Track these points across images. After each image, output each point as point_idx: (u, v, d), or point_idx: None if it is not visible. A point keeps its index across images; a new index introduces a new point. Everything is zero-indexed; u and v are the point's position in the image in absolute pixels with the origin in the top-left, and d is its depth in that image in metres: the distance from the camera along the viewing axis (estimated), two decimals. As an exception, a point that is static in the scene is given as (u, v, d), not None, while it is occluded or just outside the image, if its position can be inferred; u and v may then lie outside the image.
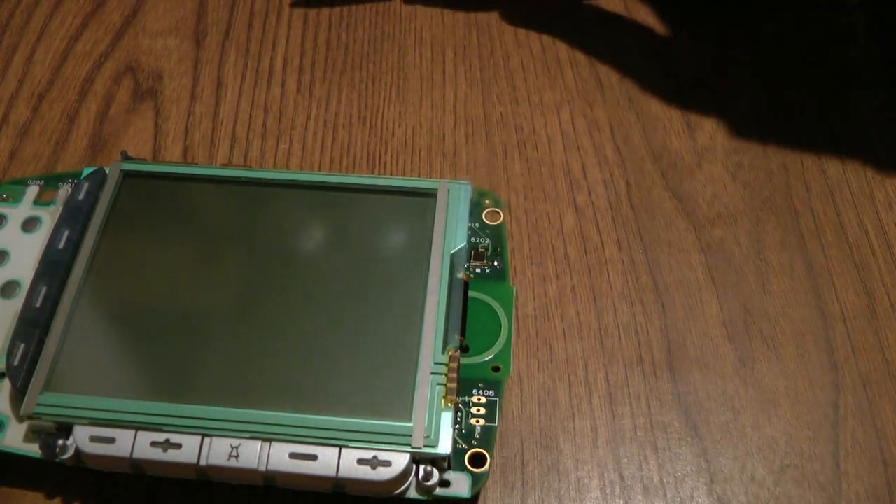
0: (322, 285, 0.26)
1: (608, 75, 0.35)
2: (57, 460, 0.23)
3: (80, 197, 0.28)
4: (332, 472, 0.23)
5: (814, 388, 0.26)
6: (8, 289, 0.27)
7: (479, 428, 0.24)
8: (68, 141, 0.33)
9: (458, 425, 0.24)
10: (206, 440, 0.23)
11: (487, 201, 0.29)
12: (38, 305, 0.25)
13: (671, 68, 0.35)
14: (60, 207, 0.28)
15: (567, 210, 0.31)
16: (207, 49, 0.36)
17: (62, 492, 0.25)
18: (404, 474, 0.23)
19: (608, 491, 0.25)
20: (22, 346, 0.25)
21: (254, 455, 0.23)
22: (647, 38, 0.36)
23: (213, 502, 0.25)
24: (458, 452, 0.24)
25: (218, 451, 0.23)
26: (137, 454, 0.23)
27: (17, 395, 0.24)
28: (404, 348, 0.24)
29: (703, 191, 0.31)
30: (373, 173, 0.32)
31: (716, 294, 0.28)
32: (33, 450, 0.24)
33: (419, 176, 0.32)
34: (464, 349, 0.25)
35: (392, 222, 0.27)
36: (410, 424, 0.23)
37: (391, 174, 0.32)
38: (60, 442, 0.23)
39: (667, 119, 0.33)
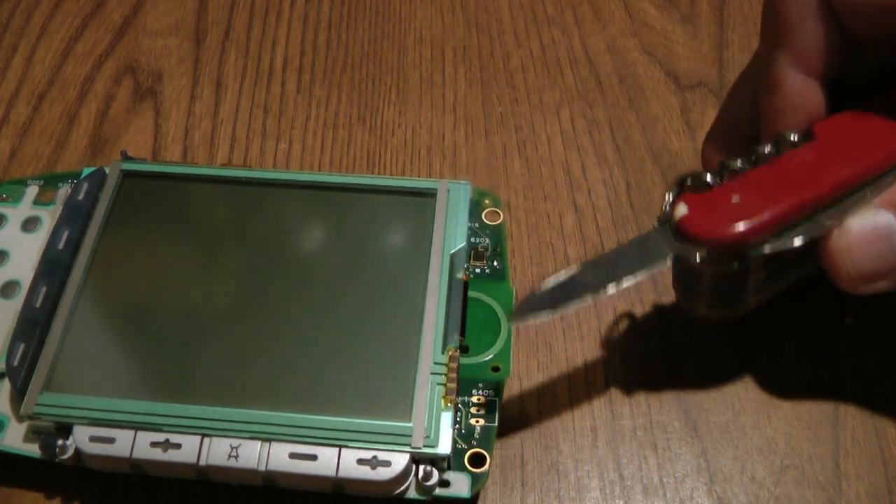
0: (322, 285, 0.26)
1: (608, 75, 0.35)
2: (57, 460, 0.23)
3: (80, 197, 0.28)
4: (331, 472, 0.23)
5: (814, 389, 0.26)
6: (8, 289, 0.27)
7: (478, 428, 0.24)
8: (68, 141, 0.33)
9: (457, 425, 0.24)
10: (206, 440, 0.23)
11: (487, 201, 0.29)
12: (38, 305, 0.25)
13: (671, 68, 0.35)
14: (60, 207, 0.28)
15: (567, 210, 0.31)
16: (207, 49, 0.36)
17: (62, 492, 0.25)
18: (404, 474, 0.23)
19: (608, 491, 0.25)
20: (22, 346, 0.25)
21: (254, 455, 0.23)
22: (647, 38, 0.36)
23: (213, 502, 0.25)
24: (457, 452, 0.24)
25: (218, 451, 0.23)
26: (137, 454, 0.23)
27: (17, 395, 0.24)
28: (404, 348, 0.24)
29: (703, 191, 0.31)
30: (373, 173, 0.32)
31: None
32: (33, 450, 0.24)
33: (419, 176, 0.32)
34: (464, 349, 0.25)
35: (392, 222, 0.27)
36: (410, 424, 0.23)
37: (391, 174, 0.32)
38: (60, 442, 0.23)
39: (667, 119, 0.33)
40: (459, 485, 0.23)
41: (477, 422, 0.24)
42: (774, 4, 0.25)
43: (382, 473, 0.22)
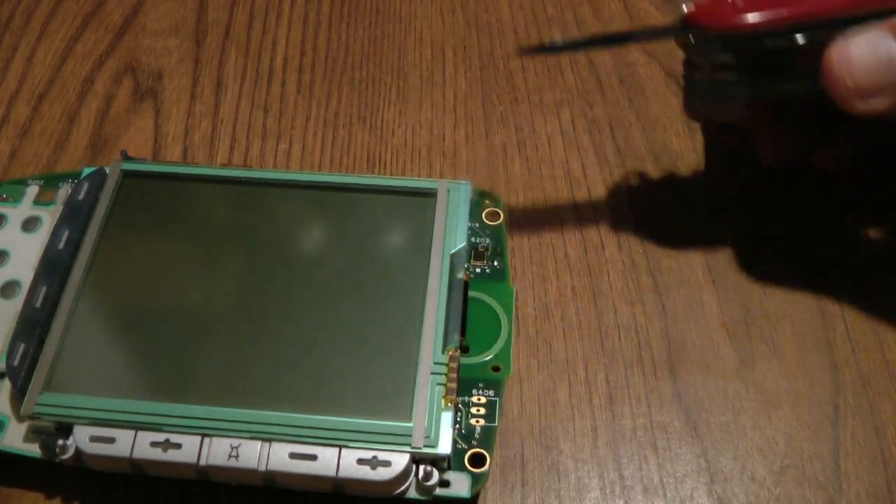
0: (322, 285, 0.26)
1: (608, 75, 0.35)
2: (57, 460, 0.23)
3: (80, 197, 0.28)
4: (331, 472, 0.23)
5: (814, 388, 0.26)
6: (8, 289, 0.27)
7: (478, 428, 0.24)
8: (68, 141, 0.33)
9: (457, 425, 0.24)
10: (206, 440, 0.23)
11: (487, 201, 0.29)
12: (38, 305, 0.25)
13: (671, 68, 0.35)
14: (60, 207, 0.28)
15: (567, 210, 0.31)
16: (207, 49, 0.36)
17: (62, 492, 0.25)
18: (404, 474, 0.23)
19: (608, 491, 0.25)
20: (22, 346, 0.25)
21: (254, 455, 0.23)
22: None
23: (213, 502, 0.25)
24: (457, 452, 0.24)
25: (218, 451, 0.23)
26: (137, 454, 0.23)
27: (17, 395, 0.24)
28: (404, 348, 0.24)
29: (703, 191, 0.31)
30: (373, 173, 0.32)
31: (716, 294, 0.28)
32: (33, 450, 0.24)
33: (419, 176, 0.32)
34: (464, 349, 0.25)
35: (392, 222, 0.27)
36: (410, 424, 0.23)
37: (391, 174, 0.32)
38: (60, 442, 0.23)
39: (667, 119, 0.33)
40: (459, 485, 0.23)
41: (477, 422, 0.24)
42: None
43: (382, 473, 0.22)
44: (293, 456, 0.23)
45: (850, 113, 0.24)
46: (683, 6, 0.25)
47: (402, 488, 0.23)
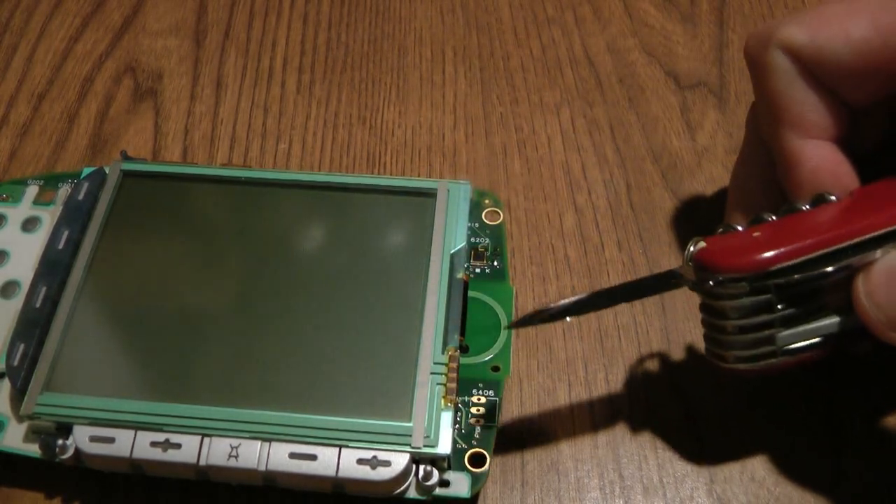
0: (322, 285, 0.26)
1: (608, 75, 0.35)
2: (57, 460, 0.23)
3: (80, 197, 0.28)
4: (331, 472, 0.23)
5: (815, 388, 0.26)
6: (8, 289, 0.27)
7: (478, 428, 0.24)
8: (68, 141, 0.33)
9: (457, 425, 0.24)
10: (206, 440, 0.23)
11: (487, 201, 0.29)
12: (38, 305, 0.25)
13: (671, 68, 0.35)
14: (60, 207, 0.28)
15: (567, 210, 0.31)
16: (207, 49, 0.36)
17: (62, 492, 0.25)
18: (404, 474, 0.23)
19: (608, 491, 0.25)
20: (22, 346, 0.25)
21: (253, 455, 0.23)
22: (647, 38, 0.36)
23: (213, 502, 0.25)
24: (457, 452, 0.24)
25: (218, 451, 0.23)
26: (137, 454, 0.23)
27: (17, 395, 0.24)
28: (404, 348, 0.24)
29: (703, 191, 0.31)
30: (373, 173, 0.32)
31: (716, 294, 0.28)
32: (33, 450, 0.24)
33: (419, 176, 0.32)
34: (464, 349, 0.25)
35: (392, 222, 0.27)
36: (410, 424, 0.23)
37: (391, 174, 0.32)
38: (60, 442, 0.23)
39: (667, 119, 0.33)
40: (459, 485, 0.23)
41: (477, 422, 0.24)
42: (759, 81, 0.25)
43: (382, 473, 0.22)
44: (293, 456, 0.23)
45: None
46: (691, 246, 0.23)
47: (402, 488, 0.23)
